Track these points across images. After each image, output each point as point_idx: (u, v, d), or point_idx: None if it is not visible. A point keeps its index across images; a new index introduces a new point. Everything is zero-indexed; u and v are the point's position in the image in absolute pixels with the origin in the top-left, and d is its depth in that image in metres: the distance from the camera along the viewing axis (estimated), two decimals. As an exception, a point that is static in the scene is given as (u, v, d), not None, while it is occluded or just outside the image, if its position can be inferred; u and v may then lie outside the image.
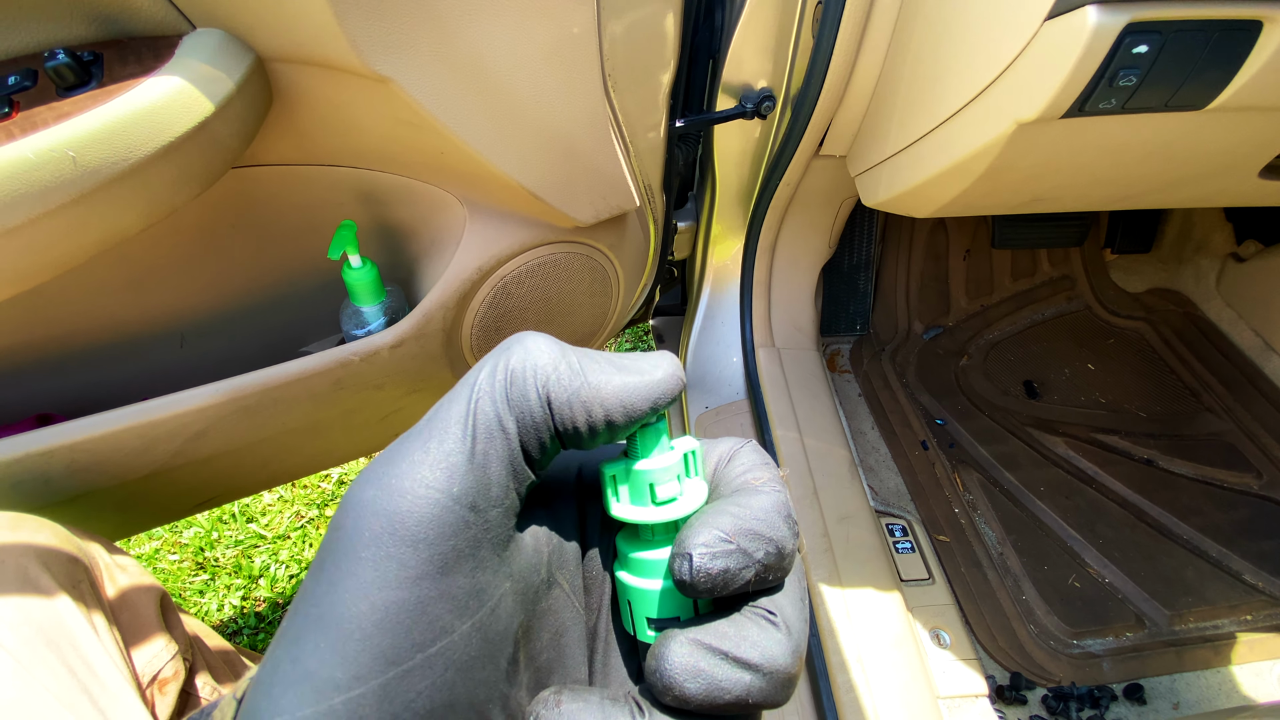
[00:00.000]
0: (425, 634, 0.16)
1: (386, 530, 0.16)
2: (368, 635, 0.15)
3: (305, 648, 0.15)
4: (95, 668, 0.49)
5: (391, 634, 0.15)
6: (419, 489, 0.16)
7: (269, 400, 0.70)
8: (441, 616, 0.16)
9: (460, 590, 0.16)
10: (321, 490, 1.49)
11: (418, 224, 0.75)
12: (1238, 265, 1.30)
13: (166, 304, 0.70)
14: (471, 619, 0.16)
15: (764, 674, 0.17)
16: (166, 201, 0.50)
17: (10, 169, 0.44)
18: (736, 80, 0.89)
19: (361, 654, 0.15)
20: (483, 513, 0.17)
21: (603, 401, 0.17)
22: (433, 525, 0.16)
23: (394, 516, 0.16)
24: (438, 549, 0.16)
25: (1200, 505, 1.08)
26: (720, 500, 0.19)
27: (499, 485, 0.17)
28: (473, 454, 0.16)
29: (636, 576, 0.19)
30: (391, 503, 0.16)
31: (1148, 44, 0.53)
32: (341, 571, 0.16)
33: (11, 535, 0.53)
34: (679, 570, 0.17)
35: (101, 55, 0.48)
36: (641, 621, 0.19)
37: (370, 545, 0.15)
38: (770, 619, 0.18)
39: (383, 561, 0.15)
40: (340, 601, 0.15)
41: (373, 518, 0.16)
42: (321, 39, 0.50)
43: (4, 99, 0.46)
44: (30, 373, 0.68)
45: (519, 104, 0.61)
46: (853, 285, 1.39)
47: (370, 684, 0.15)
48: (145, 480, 0.69)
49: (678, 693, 0.16)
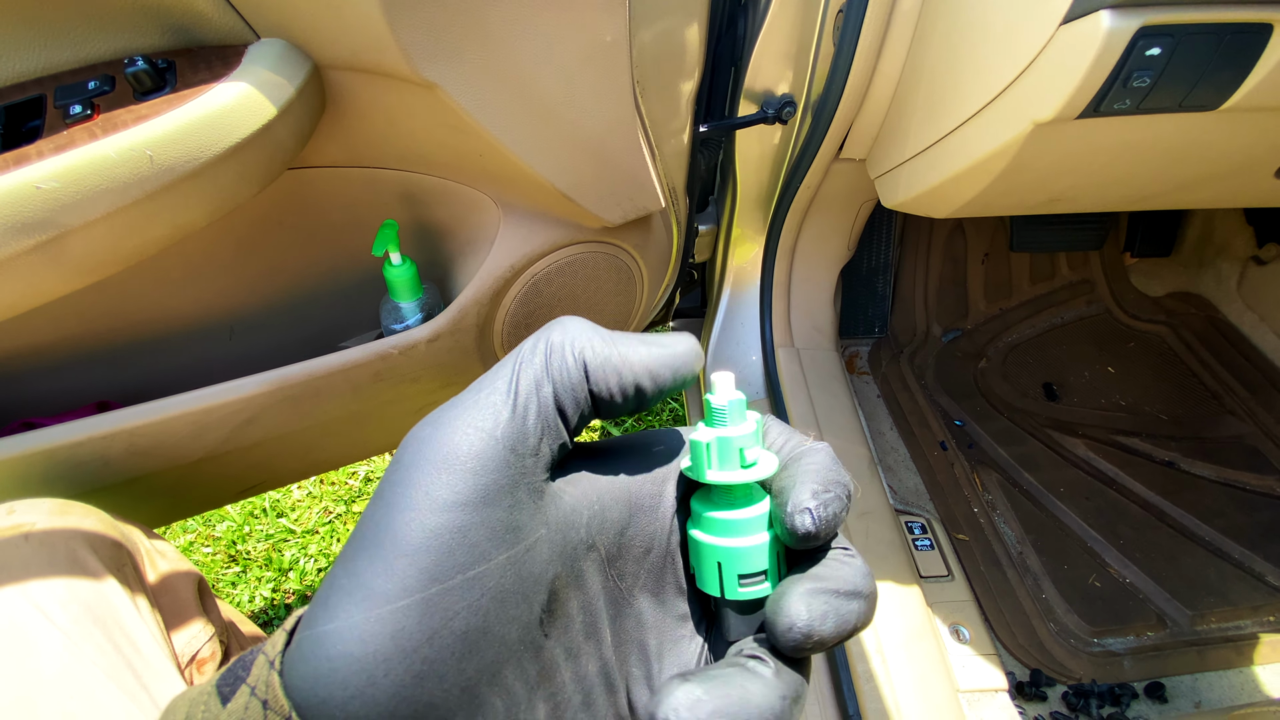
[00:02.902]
0: (465, 557, 0.17)
1: (438, 459, 0.18)
2: (415, 552, 0.17)
3: (360, 562, 0.17)
4: (139, 644, 0.51)
5: (435, 553, 0.17)
6: (467, 429, 0.18)
7: (312, 391, 0.73)
8: (480, 543, 0.18)
9: (498, 522, 0.18)
10: (349, 487, 1.53)
11: (455, 224, 0.78)
12: (1259, 268, 1.30)
13: (218, 298, 0.74)
14: (508, 551, 0.18)
15: (866, 599, 0.19)
16: (230, 199, 0.54)
17: (94, 165, 0.47)
18: (758, 87, 0.92)
19: (408, 569, 0.17)
20: (521, 456, 0.19)
21: (632, 368, 0.20)
22: (477, 459, 0.18)
23: (445, 447, 0.18)
24: (480, 479, 0.18)
25: (1222, 507, 1.08)
26: (791, 461, 0.22)
27: (534, 436, 0.19)
28: (514, 407, 0.19)
29: (727, 537, 0.21)
30: (443, 437, 0.18)
31: (1161, 46, 0.55)
32: (396, 494, 0.18)
33: (61, 520, 0.55)
34: (802, 524, 0.19)
35: (175, 62, 0.52)
36: (733, 579, 0.21)
37: (423, 471, 0.18)
38: (848, 553, 0.21)
39: (432, 486, 0.18)
40: (393, 521, 0.17)
41: (427, 448, 0.18)
42: (375, 47, 0.53)
43: (86, 102, 0.50)
44: (91, 362, 0.72)
45: (555, 109, 0.64)
46: (871, 288, 1.41)
47: (414, 598, 0.17)
48: (196, 465, 0.72)
49: (816, 636, 0.18)
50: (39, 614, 0.49)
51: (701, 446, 0.21)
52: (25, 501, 0.56)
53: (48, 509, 0.56)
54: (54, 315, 0.67)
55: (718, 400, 0.22)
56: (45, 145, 0.48)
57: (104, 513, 0.60)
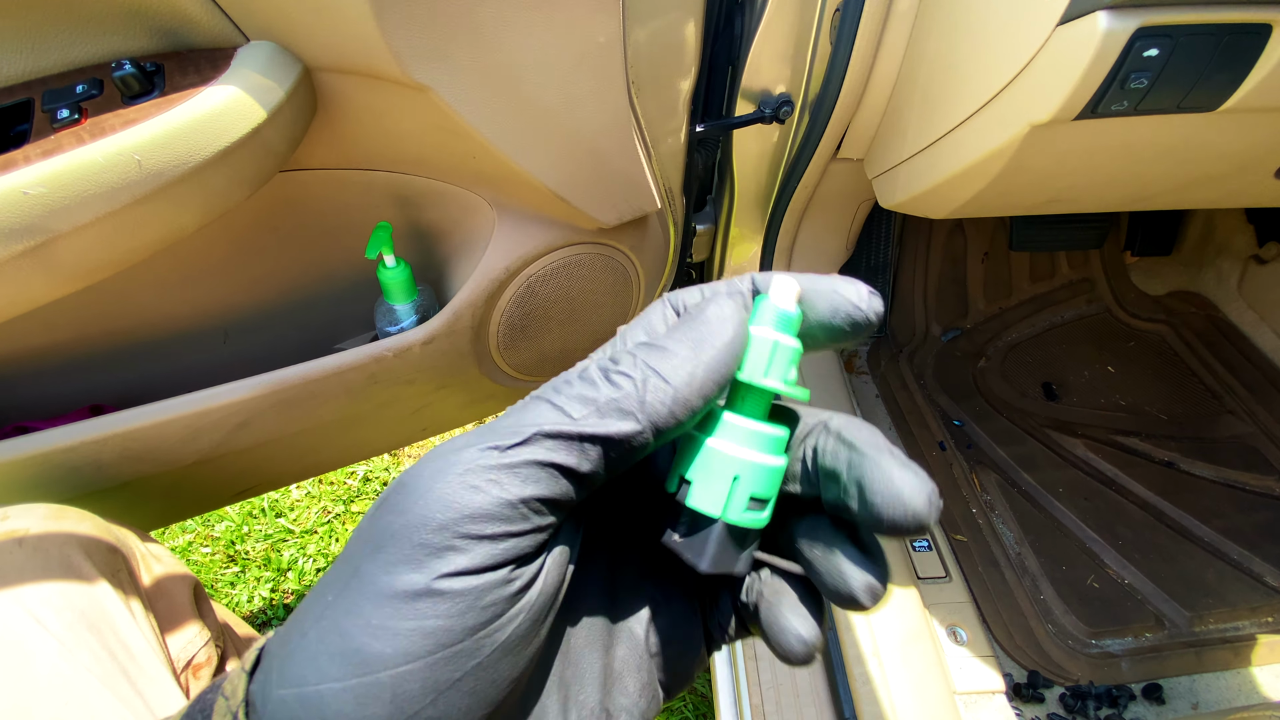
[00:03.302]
0: (478, 619, 0.16)
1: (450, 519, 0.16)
2: (423, 619, 0.15)
3: (354, 619, 0.15)
4: (133, 651, 0.51)
5: (448, 619, 0.15)
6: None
7: (307, 394, 0.73)
8: (497, 603, 0.16)
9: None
10: (348, 487, 1.53)
11: (449, 226, 0.78)
12: (1260, 267, 1.29)
13: (212, 301, 0.73)
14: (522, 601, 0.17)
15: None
16: (221, 203, 0.54)
17: (81, 171, 0.47)
18: (755, 86, 0.91)
19: (414, 637, 0.15)
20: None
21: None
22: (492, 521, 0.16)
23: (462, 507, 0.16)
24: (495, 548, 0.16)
25: (1221, 508, 1.08)
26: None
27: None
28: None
29: (754, 451, 0.20)
30: (458, 495, 0.16)
31: (1158, 47, 0.55)
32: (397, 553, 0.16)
33: (55, 525, 0.55)
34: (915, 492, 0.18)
35: (163, 66, 0.52)
36: (743, 499, 0.19)
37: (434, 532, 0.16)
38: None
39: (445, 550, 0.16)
40: (395, 583, 0.15)
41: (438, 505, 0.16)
42: (365, 50, 0.53)
43: (74, 106, 0.50)
44: (84, 365, 0.72)
45: (548, 110, 0.63)
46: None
47: (418, 663, 0.15)
48: (191, 468, 0.72)
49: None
50: (33, 621, 0.49)
51: (759, 345, 0.20)
52: (19, 506, 0.56)
53: (42, 513, 0.56)
54: (47, 319, 0.67)
55: (784, 304, 0.20)
56: (33, 150, 0.48)
57: (98, 517, 0.60)
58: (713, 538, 0.20)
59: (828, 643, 0.82)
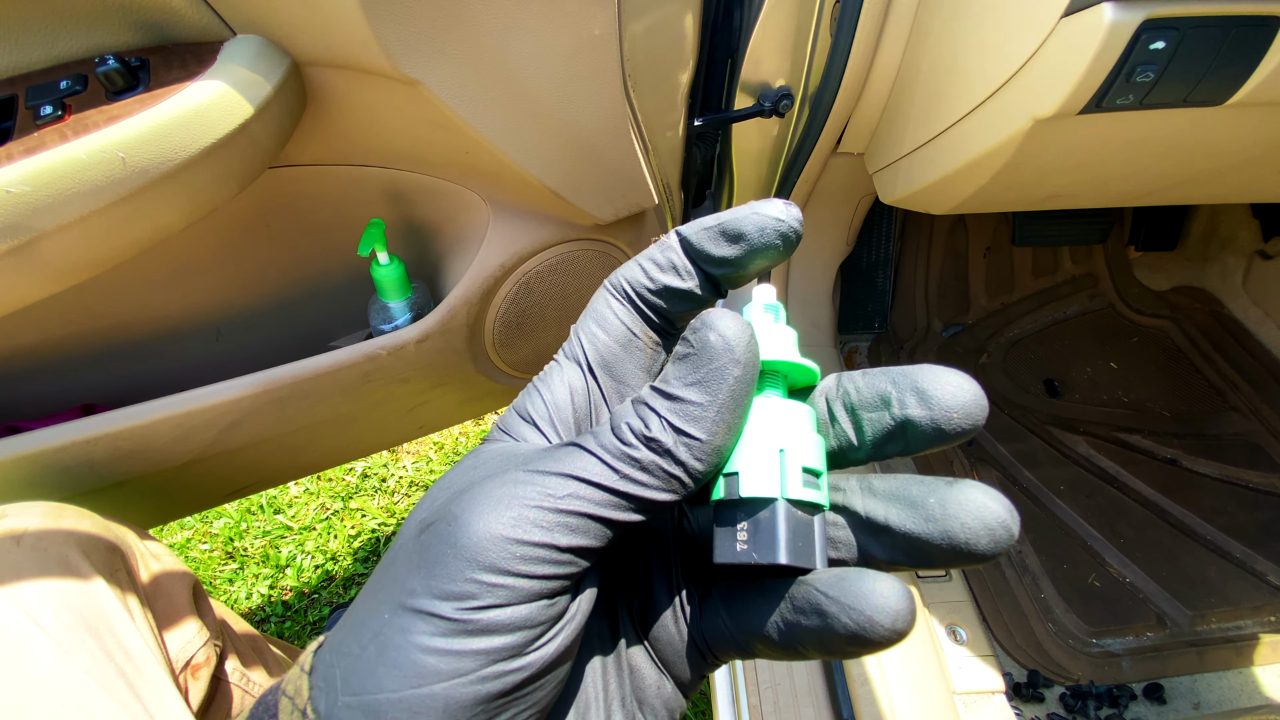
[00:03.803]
0: (526, 637, 0.17)
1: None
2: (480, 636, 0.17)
3: (409, 639, 0.17)
4: (131, 652, 0.51)
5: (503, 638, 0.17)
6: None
7: (300, 392, 0.72)
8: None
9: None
10: (346, 483, 1.53)
11: (443, 222, 0.77)
12: (1265, 263, 1.28)
13: (204, 299, 0.73)
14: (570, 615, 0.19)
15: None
16: (208, 200, 0.53)
17: (64, 168, 0.46)
18: (754, 79, 0.90)
19: (464, 656, 0.17)
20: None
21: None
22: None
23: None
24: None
25: (1225, 505, 1.07)
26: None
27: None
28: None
29: (790, 423, 0.20)
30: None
31: (1165, 40, 0.53)
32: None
33: (54, 524, 0.55)
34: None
35: (148, 61, 0.51)
36: (795, 472, 0.19)
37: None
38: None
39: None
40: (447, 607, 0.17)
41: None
42: (355, 44, 0.52)
43: (57, 102, 0.49)
44: (75, 364, 0.71)
45: (542, 105, 0.62)
46: (871, 283, 1.39)
47: (469, 676, 0.17)
48: (183, 468, 0.72)
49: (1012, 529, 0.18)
50: (30, 622, 0.49)
51: (760, 329, 0.21)
52: (18, 504, 0.56)
53: (41, 511, 0.55)
54: (37, 317, 0.66)
55: (769, 299, 0.22)
56: (15, 147, 0.47)
57: (97, 515, 0.59)
58: (780, 522, 0.18)
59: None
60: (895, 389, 0.19)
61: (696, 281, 0.22)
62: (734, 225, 0.21)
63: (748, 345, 0.19)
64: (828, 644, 0.18)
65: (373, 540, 1.44)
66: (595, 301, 0.23)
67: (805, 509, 0.19)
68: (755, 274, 0.22)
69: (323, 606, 1.34)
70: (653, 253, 0.22)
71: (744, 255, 0.21)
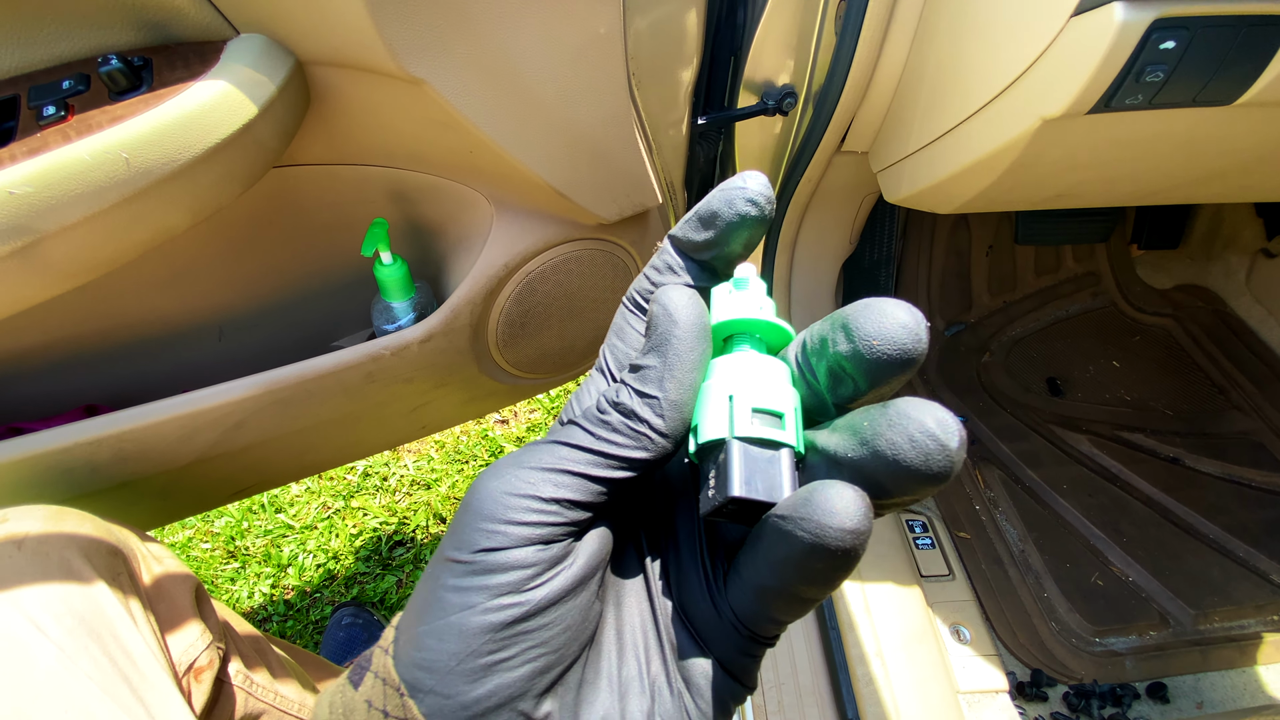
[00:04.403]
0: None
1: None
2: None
3: (435, 581, 0.20)
4: (134, 657, 0.51)
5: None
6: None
7: (303, 393, 0.72)
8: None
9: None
10: (348, 482, 1.53)
11: (446, 222, 0.77)
12: (1268, 261, 1.28)
13: (206, 299, 0.72)
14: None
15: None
16: (212, 200, 0.52)
17: (68, 169, 0.46)
18: (758, 77, 0.90)
19: (474, 589, 0.20)
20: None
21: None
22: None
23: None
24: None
25: (1227, 504, 1.07)
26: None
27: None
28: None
29: (739, 371, 0.21)
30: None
31: (1175, 39, 0.53)
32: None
33: (55, 527, 0.54)
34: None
35: (151, 60, 0.50)
36: (744, 412, 0.20)
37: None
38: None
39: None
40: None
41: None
42: (358, 43, 0.51)
43: (60, 102, 0.48)
44: (78, 365, 0.71)
45: (547, 103, 0.62)
46: (874, 281, 1.39)
47: (480, 609, 0.20)
48: (186, 469, 0.71)
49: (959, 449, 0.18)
50: (32, 627, 0.48)
51: (717, 289, 0.23)
52: (19, 508, 0.55)
53: (42, 515, 0.55)
54: (40, 318, 0.66)
55: (740, 274, 0.23)
56: (18, 148, 0.46)
57: (98, 518, 0.59)
58: (734, 458, 0.20)
59: (830, 643, 0.81)
60: (830, 327, 0.20)
61: (690, 276, 0.24)
62: (705, 207, 0.23)
63: (687, 307, 0.21)
64: (804, 570, 0.18)
65: (374, 539, 1.43)
66: (615, 317, 0.26)
67: (765, 446, 0.20)
68: (744, 250, 0.23)
69: (325, 605, 1.34)
70: (653, 260, 0.25)
71: (723, 233, 0.23)
